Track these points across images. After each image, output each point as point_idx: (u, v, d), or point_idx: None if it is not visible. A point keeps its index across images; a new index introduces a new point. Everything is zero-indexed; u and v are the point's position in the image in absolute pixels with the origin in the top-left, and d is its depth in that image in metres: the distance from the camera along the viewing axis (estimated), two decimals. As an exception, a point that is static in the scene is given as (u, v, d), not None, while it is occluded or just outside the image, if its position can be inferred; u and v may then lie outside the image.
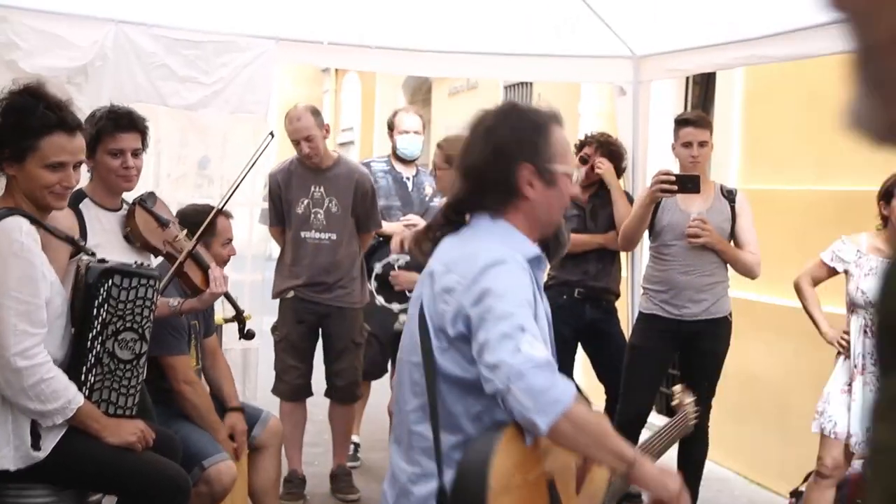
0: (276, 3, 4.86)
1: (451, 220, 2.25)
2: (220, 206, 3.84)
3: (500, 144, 2.19)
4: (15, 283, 2.76)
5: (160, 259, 3.72)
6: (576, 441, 2.00)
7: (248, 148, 4.43)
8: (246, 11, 4.87)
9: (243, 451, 4.10)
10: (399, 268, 5.32)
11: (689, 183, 4.49)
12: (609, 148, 5.26)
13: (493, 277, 2.06)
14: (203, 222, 3.94)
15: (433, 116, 11.74)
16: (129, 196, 3.65)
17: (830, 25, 4.23)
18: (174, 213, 4.07)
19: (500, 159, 2.19)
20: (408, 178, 5.71)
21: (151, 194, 3.70)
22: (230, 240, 4.20)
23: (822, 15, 3.13)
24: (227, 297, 4.03)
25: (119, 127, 3.47)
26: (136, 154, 3.51)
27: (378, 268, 5.43)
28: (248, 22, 4.92)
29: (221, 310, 4.54)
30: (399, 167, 5.74)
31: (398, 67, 6.02)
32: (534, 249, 2.23)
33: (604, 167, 5.19)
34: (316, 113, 5.04)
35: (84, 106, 4.01)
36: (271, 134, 3.73)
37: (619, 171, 5.29)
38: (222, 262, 4.13)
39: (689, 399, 2.80)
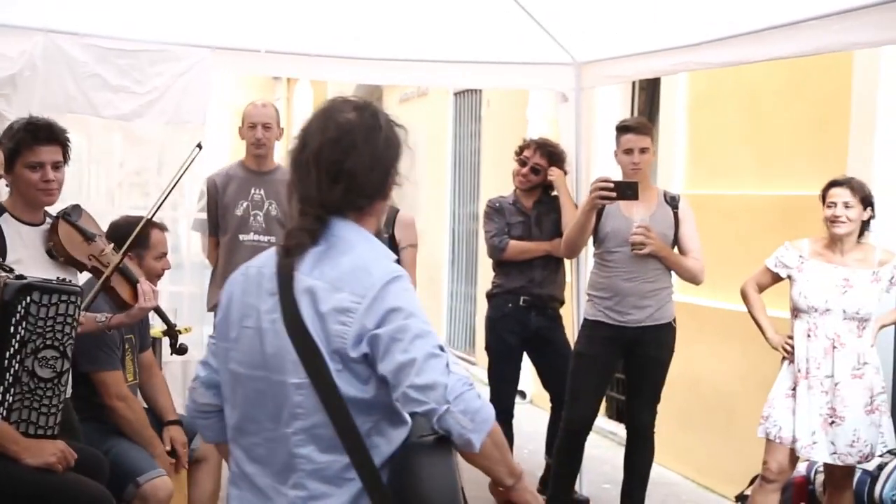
0: (212, 12, 4.76)
1: (322, 221, 2.09)
2: (147, 217, 3.74)
3: (383, 150, 2.12)
4: None
5: (88, 275, 3.62)
6: (492, 457, 2.02)
7: (184, 158, 4.34)
8: (180, 20, 4.77)
9: (185, 462, 4.03)
10: None
11: (628, 190, 4.47)
12: (548, 149, 5.24)
13: (395, 295, 2.01)
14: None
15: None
16: (53, 209, 3.54)
17: (764, 32, 4.26)
18: (108, 226, 3.98)
19: (384, 165, 2.12)
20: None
21: (76, 207, 3.58)
22: (164, 253, 4.09)
23: (761, 21, 3.11)
24: (158, 311, 3.94)
25: (38, 139, 3.34)
26: (56, 167, 3.39)
27: None
28: (183, 30, 4.83)
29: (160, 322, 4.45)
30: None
31: (339, 75, 5.92)
32: (393, 255, 2.20)
33: (554, 174, 5.17)
34: (278, 112, 5.21)
35: (13, 117, 3.92)
36: (199, 146, 3.63)
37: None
38: (156, 276, 4.04)
39: None
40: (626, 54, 5.14)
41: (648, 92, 6.94)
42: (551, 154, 5.24)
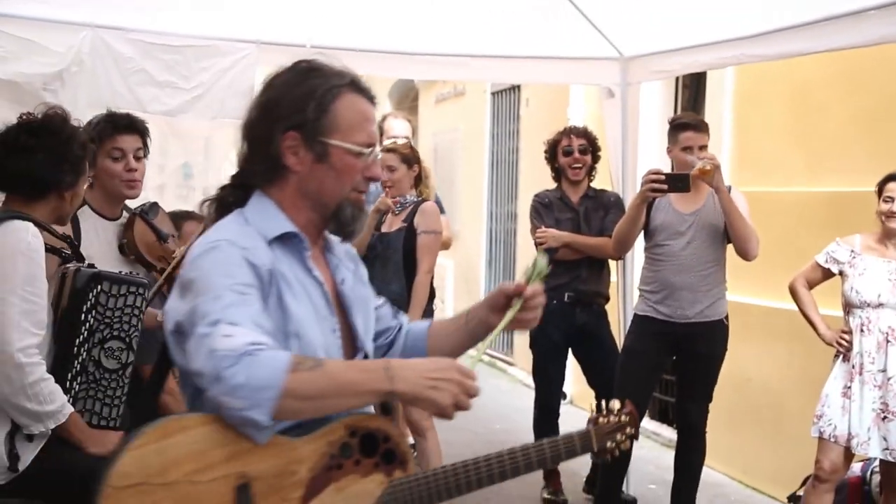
0: (257, 7, 4.76)
1: (234, 188, 1.99)
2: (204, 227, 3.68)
3: (267, 104, 1.94)
4: (21, 280, 2.69)
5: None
6: (308, 410, 1.79)
7: (230, 155, 4.33)
8: (226, 15, 4.78)
9: None
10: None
11: (679, 182, 4.40)
12: (579, 130, 5.23)
13: (197, 269, 1.84)
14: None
15: (420, 123, 11.66)
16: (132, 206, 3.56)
17: (819, 24, 4.18)
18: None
19: (264, 121, 1.93)
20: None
21: (154, 205, 3.60)
22: None
23: (810, 13, 3.03)
24: None
25: (118, 128, 3.39)
26: (137, 157, 3.42)
27: None
28: (228, 25, 4.83)
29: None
30: (387, 173, 5.66)
31: (384, 70, 5.91)
32: (281, 227, 1.95)
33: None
34: None
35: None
36: None
37: (596, 158, 5.23)
38: None
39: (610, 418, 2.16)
40: (673, 48, 5.08)
41: (692, 89, 6.86)
42: (586, 132, 5.24)
